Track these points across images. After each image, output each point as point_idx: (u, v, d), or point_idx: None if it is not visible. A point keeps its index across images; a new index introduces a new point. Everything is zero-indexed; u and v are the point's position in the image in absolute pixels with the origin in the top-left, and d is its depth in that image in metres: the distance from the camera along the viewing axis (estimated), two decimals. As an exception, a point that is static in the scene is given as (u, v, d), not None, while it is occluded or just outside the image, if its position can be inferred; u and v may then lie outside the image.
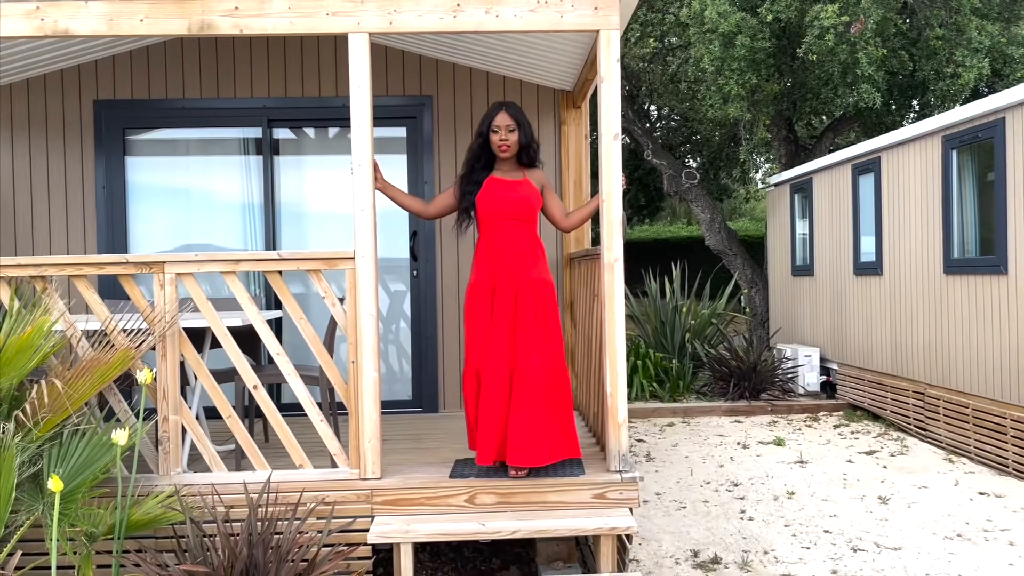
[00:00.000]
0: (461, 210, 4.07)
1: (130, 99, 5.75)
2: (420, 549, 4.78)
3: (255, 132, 5.92)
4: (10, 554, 3.45)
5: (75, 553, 3.38)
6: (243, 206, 6.02)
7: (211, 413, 4.85)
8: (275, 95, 5.81)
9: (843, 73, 10.39)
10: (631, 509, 3.84)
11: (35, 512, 3.36)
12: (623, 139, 20.48)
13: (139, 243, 5.88)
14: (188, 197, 5.99)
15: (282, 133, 6.01)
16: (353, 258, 3.84)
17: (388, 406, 5.96)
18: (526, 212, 3.98)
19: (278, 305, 5.81)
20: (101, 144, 5.74)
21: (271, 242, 5.89)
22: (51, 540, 3.24)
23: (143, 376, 3.22)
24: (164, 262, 3.84)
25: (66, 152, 5.76)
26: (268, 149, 5.90)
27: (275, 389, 5.89)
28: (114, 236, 5.77)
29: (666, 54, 14.60)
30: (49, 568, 3.34)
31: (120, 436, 3.13)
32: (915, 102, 12.66)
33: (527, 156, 4.05)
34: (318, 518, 3.76)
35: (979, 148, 6.84)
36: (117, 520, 3.35)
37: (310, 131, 6.05)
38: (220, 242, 5.99)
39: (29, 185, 5.77)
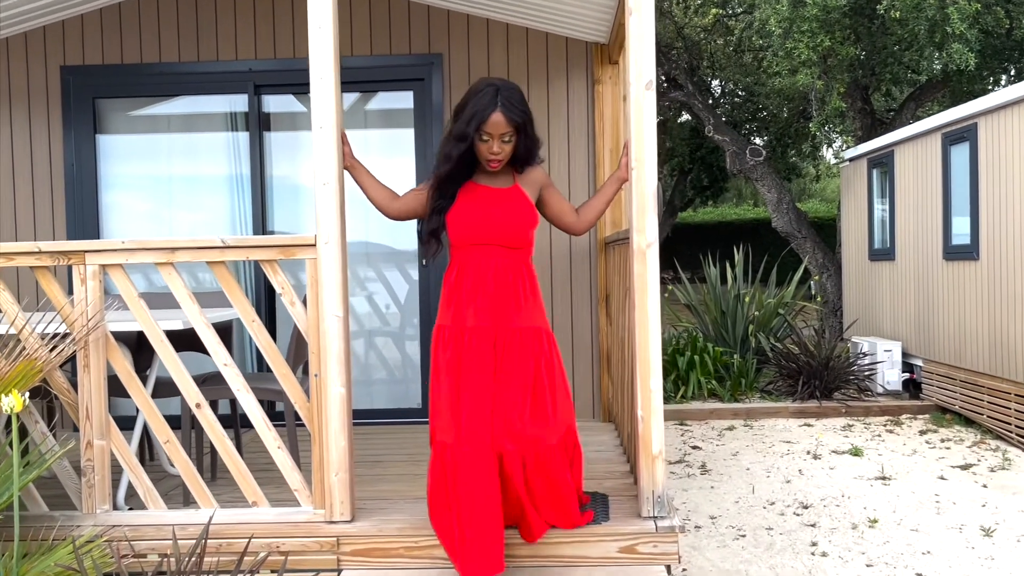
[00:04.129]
0: (428, 231, 3.02)
1: (101, 64, 5.08)
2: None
3: (241, 100, 5.18)
4: None
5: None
6: (231, 187, 5.29)
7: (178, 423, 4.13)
8: (263, 57, 5.07)
9: (930, 32, 9.21)
10: (668, 568, 2.97)
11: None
12: (684, 116, 19.42)
13: (113, 229, 5.21)
14: (169, 180, 5.29)
15: (272, 105, 5.25)
16: (315, 245, 3.06)
17: (393, 415, 5.19)
18: (514, 236, 2.95)
19: (270, 299, 5.09)
20: (69, 115, 5.08)
21: (260, 226, 5.15)
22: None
23: (8, 402, 2.48)
24: (85, 251, 3.12)
25: (31, 125, 5.12)
26: (256, 121, 5.16)
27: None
28: (84, 220, 5.11)
29: (728, 20, 13.53)
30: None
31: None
32: (1011, 67, 11.35)
33: (523, 161, 3.03)
34: (272, 571, 3.00)
35: (1105, 107, 5.71)
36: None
37: (302, 98, 5.28)
38: (206, 228, 5.29)
39: (-8, 163, 5.15)
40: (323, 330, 3.06)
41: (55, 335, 3.11)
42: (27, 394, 2.64)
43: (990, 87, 11.22)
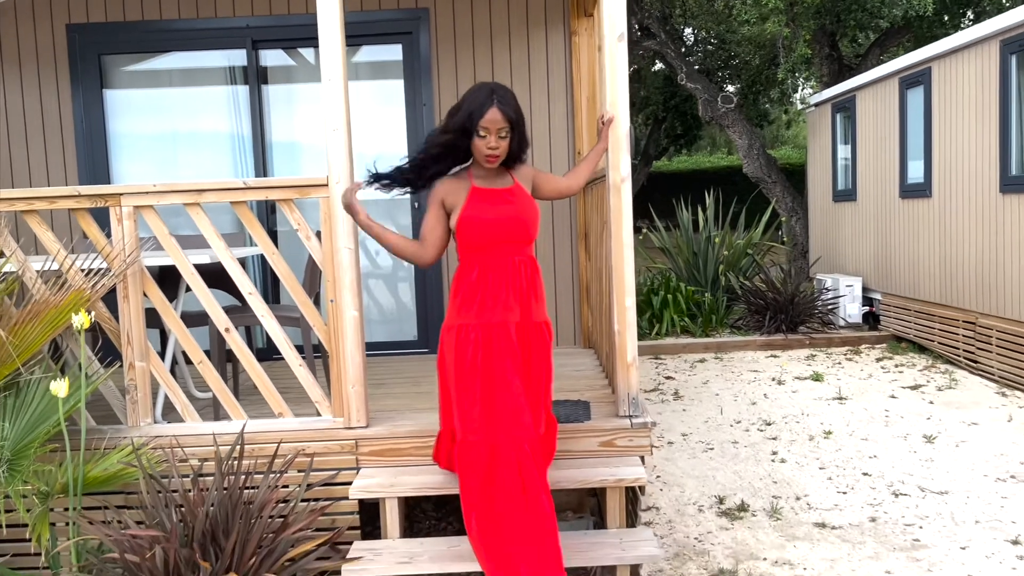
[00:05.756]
0: (391, 172, 3.05)
1: (105, 22, 5.34)
2: (424, 499, 4.48)
3: (240, 56, 5.49)
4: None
5: (27, 511, 3.11)
6: (232, 141, 5.62)
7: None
8: (259, 13, 5.35)
9: (891, -22, 9.57)
10: (643, 458, 3.45)
11: (-13, 469, 3.09)
12: (658, 64, 19.63)
13: (122, 181, 5.52)
14: (174, 133, 5.61)
15: (270, 59, 5.56)
16: (327, 185, 3.44)
17: (392, 347, 5.62)
18: (527, 232, 3.02)
19: (274, 240, 5.45)
20: (76, 72, 5.36)
21: (262, 172, 5.50)
22: (1, 499, 2.98)
23: (79, 320, 2.88)
24: (120, 194, 3.48)
25: (40, 81, 5.40)
26: (255, 76, 5.47)
27: (263, 335, 5.57)
28: (96, 173, 5.43)
29: (699, -32, 13.75)
30: (3, 528, 3.10)
31: (59, 387, 2.81)
32: (970, 12, 11.72)
33: (516, 158, 3.08)
34: (299, 471, 3.45)
35: (1043, 51, 6.15)
36: (70, 478, 3.06)
37: (299, 53, 5.60)
38: (209, 173, 5.62)
39: (5, 119, 5.43)
40: (337, 261, 3.45)
41: (93, 271, 3.48)
42: (83, 315, 3.03)
43: (951, 32, 11.61)
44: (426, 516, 4.35)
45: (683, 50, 17.12)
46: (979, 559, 3.66)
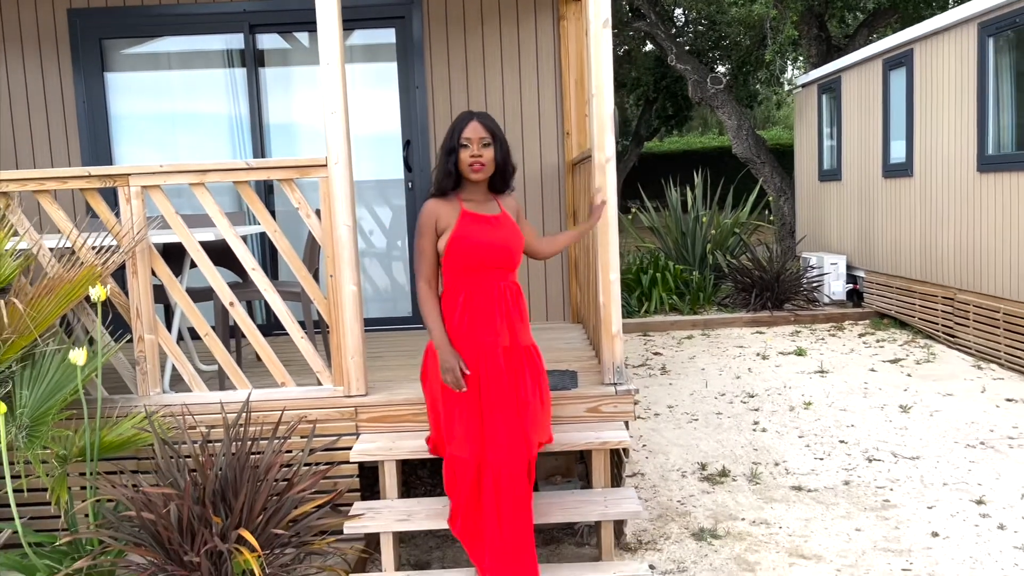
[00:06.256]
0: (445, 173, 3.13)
1: (105, 7, 5.47)
2: (419, 466, 4.69)
3: (237, 40, 5.62)
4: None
5: (47, 475, 3.29)
6: (230, 123, 5.77)
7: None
8: (256, -2, 5.50)
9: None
10: (626, 423, 3.65)
11: (7, 435, 3.27)
12: (648, 45, 19.71)
13: (123, 162, 5.67)
14: (173, 115, 5.75)
15: (266, 43, 5.70)
16: (326, 165, 3.61)
17: (387, 323, 5.81)
18: (512, 258, 3.09)
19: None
20: (78, 56, 5.50)
21: (260, 152, 5.65)
22: (21, 463, 3.16)
23: (96, 293, 3.05)
24: (128, 174, 3.64)
25: (43, 66, 5.53)
26: (252, 59, 5.61)
27: (263, 311, 5.75)
28: (97, 154, 5.57)
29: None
30: (21, 492, 3.28)
31: (77, 356, 2.99)
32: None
33: (501, 180, 3.15)
34: (301, 436, 3.64)
35: (1017, 34, 6.32)
36: (87, 442, 3.25)
37: (295, 37, 5.74)
38: (208, 153, 5.77)
39: (9, 102, 5.57)
40: (336, 238, 3.63)
41: (103, 248, 3.65)
42: (99, 288, 3.20)
43: (937, 12, 11.77)
44: (421, 482, 4.56)
45: (673, 31, 17.23)
46: (944, 518, 3.89)
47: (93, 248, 3.63)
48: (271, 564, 3.06)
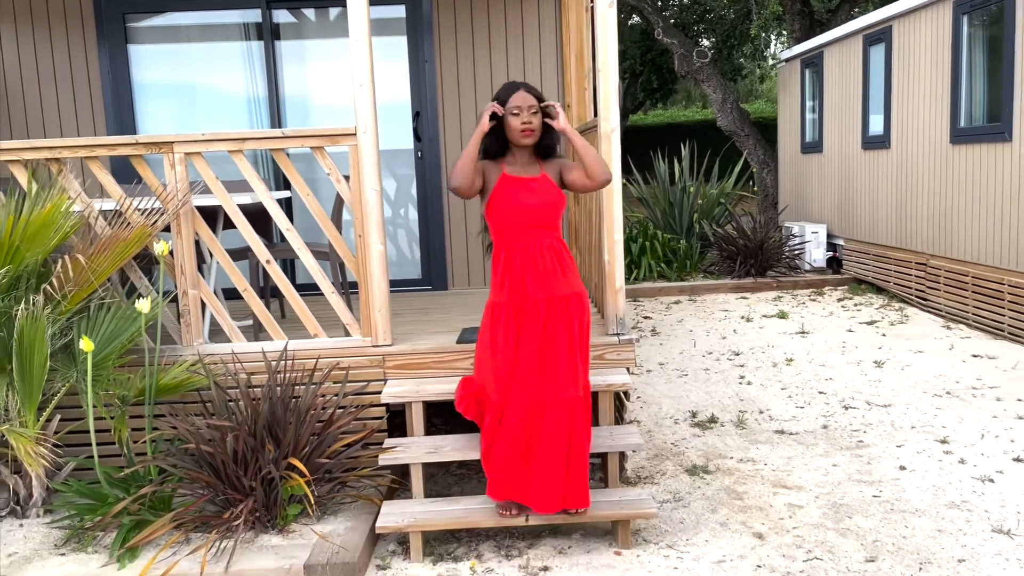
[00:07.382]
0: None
1: (128, -17, 5.74)
2: (434, 414, 5.07)
3: (255, 14, 5.90)
4: (48, 420, 3.73)
5: (111, 417, 3.64)
6: (248, 95, 6.06)
7: (229, 295, 5.06)
8: (273, -26, 5.77)
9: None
10: (628, 369, 4.05)
11: (70, 379, 3.61)
12: (635, 18, 19.95)
13: (146, 131, 5.96)
14: (193, 87, 6.04)
15: (282, 16, 5.99)
16: (355, 134, 3.93)
17: (399, 285, 6.16)
18: (549, 218, 3.30)
19: (287, 186, 5.94)
20: (103, 31, 5.76)
21: (278, 122, 5.96)
22: (87, 404, 3.50)
23: (160, 248, 3.39)
24: (173, 142, 3.95)
25: (69, 40, 5.79)
26: (269, 33, 5.90)
27: (289, 270, 6.08)
28: (122, 123, 5.86)
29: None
30: (85, 432, 3.63)
31: (143, 305, 3.33)
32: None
33: (547, 144, 3.34)
34: (334, 382, 4.00)
35: (989, 13, 6.70)
36: (147, 384, 3.60)
37: (311, 12, 6.02)
38: (229, 122, 6.07)
39: (36, 75, 5.83)
40: (364, 201, 3.96)
41: (149, 210, 3.97)
42: (162, 244, 3.53)
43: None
44: (436, 429, 4.93)
45: (659, 4, 17.47)
46: (911, 454, 4.33)
47: (139, 210, 3.95)
48: (314, 493, 3.44)
